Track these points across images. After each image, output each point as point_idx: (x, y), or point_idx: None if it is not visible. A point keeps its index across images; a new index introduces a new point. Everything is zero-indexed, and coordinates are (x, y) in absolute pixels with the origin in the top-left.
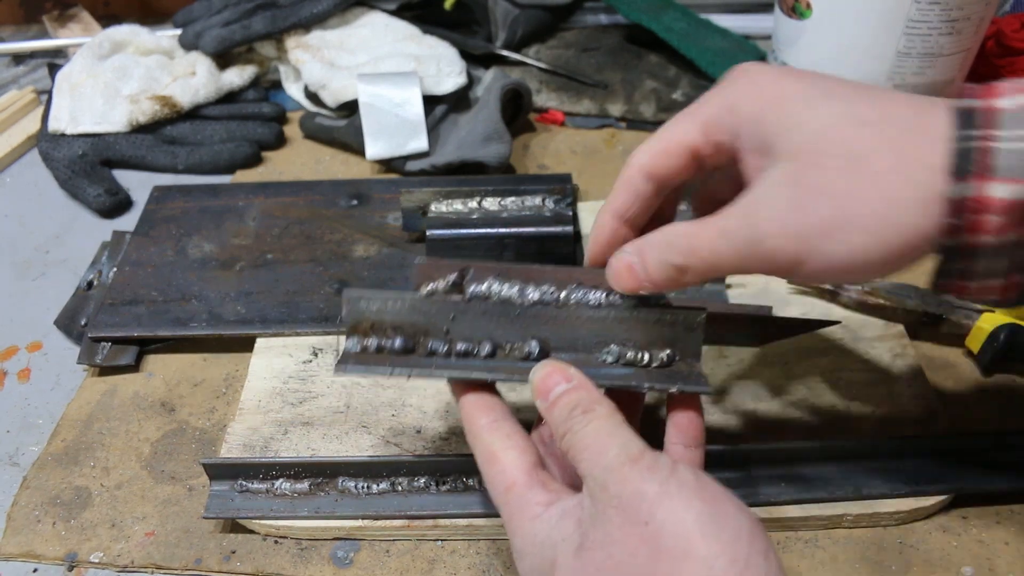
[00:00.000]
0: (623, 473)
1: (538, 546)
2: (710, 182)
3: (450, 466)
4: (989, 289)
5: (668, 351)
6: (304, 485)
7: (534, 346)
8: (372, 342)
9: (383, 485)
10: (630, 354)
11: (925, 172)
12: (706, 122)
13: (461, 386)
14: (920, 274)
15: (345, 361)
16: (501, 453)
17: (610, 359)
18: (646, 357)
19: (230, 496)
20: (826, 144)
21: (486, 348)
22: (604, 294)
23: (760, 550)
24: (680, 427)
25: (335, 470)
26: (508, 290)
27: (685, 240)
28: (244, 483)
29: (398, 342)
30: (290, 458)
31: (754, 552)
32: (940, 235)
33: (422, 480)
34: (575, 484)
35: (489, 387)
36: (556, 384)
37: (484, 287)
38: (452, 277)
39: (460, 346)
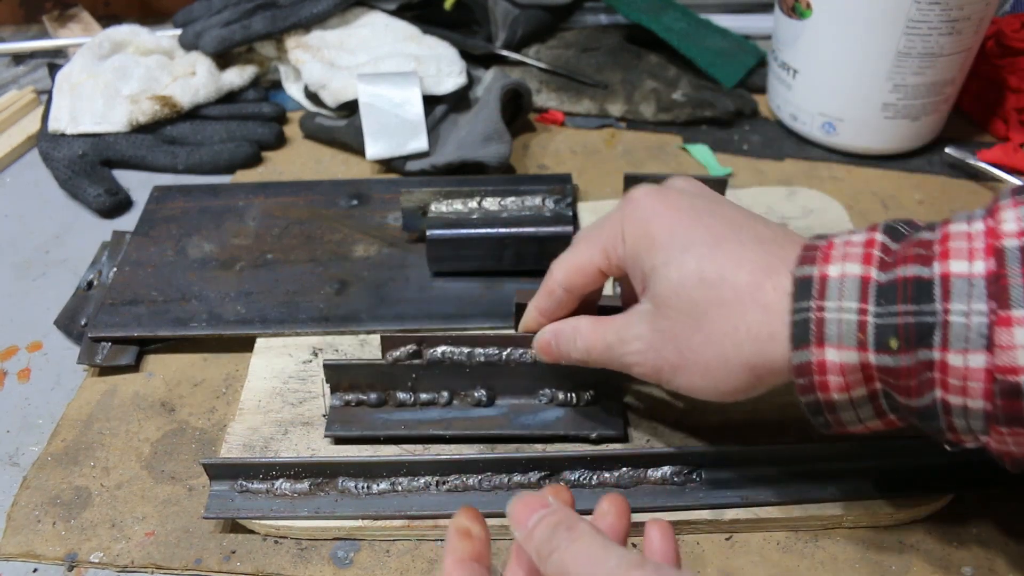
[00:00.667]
0: None
1: None
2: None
3: (450, 466)
4: (870, 429)
5: (592, 391)
6: (304, 485)
7: (483, 393)
8: (352, 397)
9: (383, 485)
10: (561, 395)
11: (748, 339)
12: (605, 248)
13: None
14: None
15: (332, 423)
16: None
17: (544, 400)
18: (574, 397)
19: (230, 496)
20: (676, 299)
21: (444, 397)
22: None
23: None
24: (652, 540)
25: (335, 470)
26: (458, 354)
27: (584, 340)
28: (244, 483)
29: (373, 396)
30: (290, 458)
31: None
32: (799, 393)
33: (422, 480)
34: None
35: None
36: (534, 511)
37: (439, 352)
38: (411, 347)
39: (423, 396)
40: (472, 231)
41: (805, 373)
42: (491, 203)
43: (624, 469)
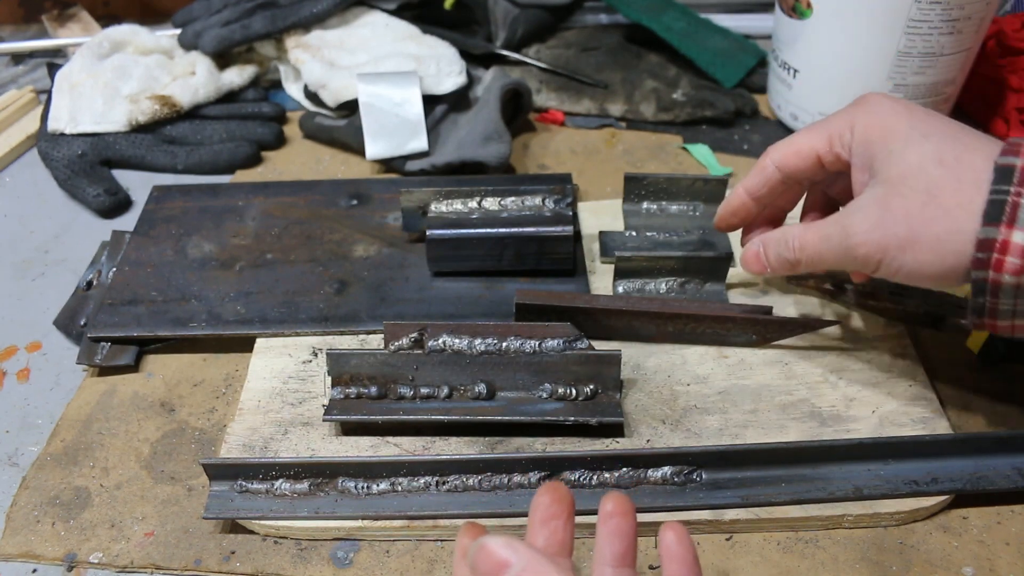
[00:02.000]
0: None
1: None
2: (822, 184)
3: (450, 466)
4: (1015, 329)
5: (592, 386)
6: (304, 485)
7: (482, 387)
8: (352, 390)
9: (383, 485)
10: (561, 390)
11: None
12: (831, 135)
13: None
14: None
15: (331, 409)
16: None
17: (544, 395)
18: (573, 392)
19: (229, 496)
20: (912, 178)
21: (444, 391)
22: (537, 343)
23: None
24: (669, 553)
25: (335, 470)
26: (459, 343)
27: (797, 241)
28: (244, 483)
29: (373, 390)
30: (290, 458)
31: None
32: (972, 268)
33: (422, 480)
34: None
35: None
36: (499, 570)
37: (439, 342)
38: (413, 335)
39: (423, 390)
40: (472, 231)
41: (986, 248)
42: (491, 203)
43: (624, 469)
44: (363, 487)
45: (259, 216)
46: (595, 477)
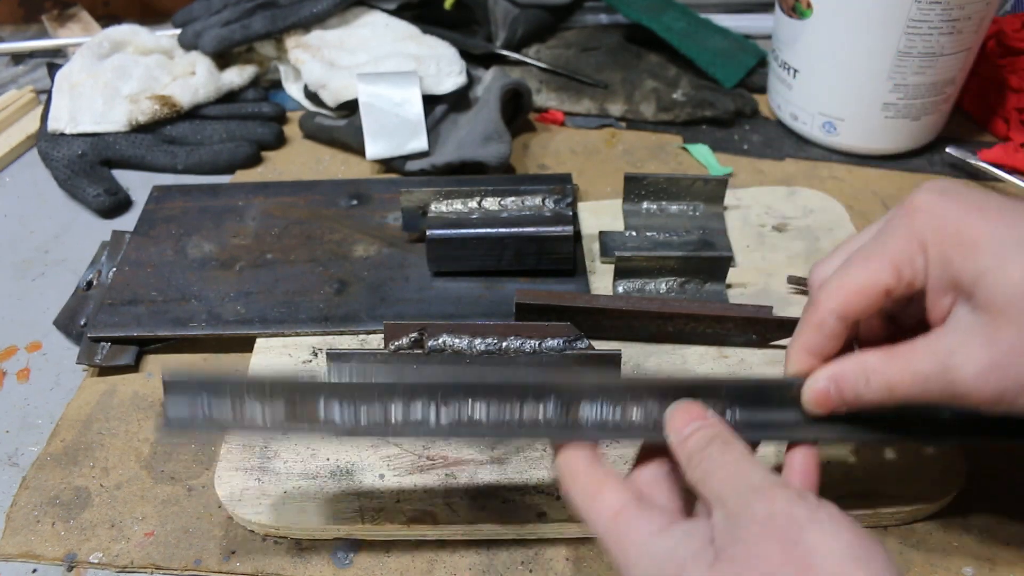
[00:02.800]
0: (772, 493)
1: (657, 560)
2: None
3: (453, 390)
4: None
5: None
6: (279, 409)
7: None
8: None
9: (375, 409)
10: None
11: None
12: (896, 263)
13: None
14: None
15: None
16: (602, 487)
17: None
18: None
19: (190, 418)
20: (1022, 301)
21: None
22: (537, 343)
23: None
24: (793, 467)
25: (315, 392)
26: (459, 343)
27: (881, 379)
28: (208, 399)
29: None
30: (265, 376)
31: None
32: None
33: (419, 408)
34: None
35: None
36: (693, 419)
37: (439, 341)
38: (413, 335)
39: None
40: (472, 231)
41: None
42: (491, 203)
43: (650, 403)
44: (350, 414)
45: (259, 216)
46: (617, 411)
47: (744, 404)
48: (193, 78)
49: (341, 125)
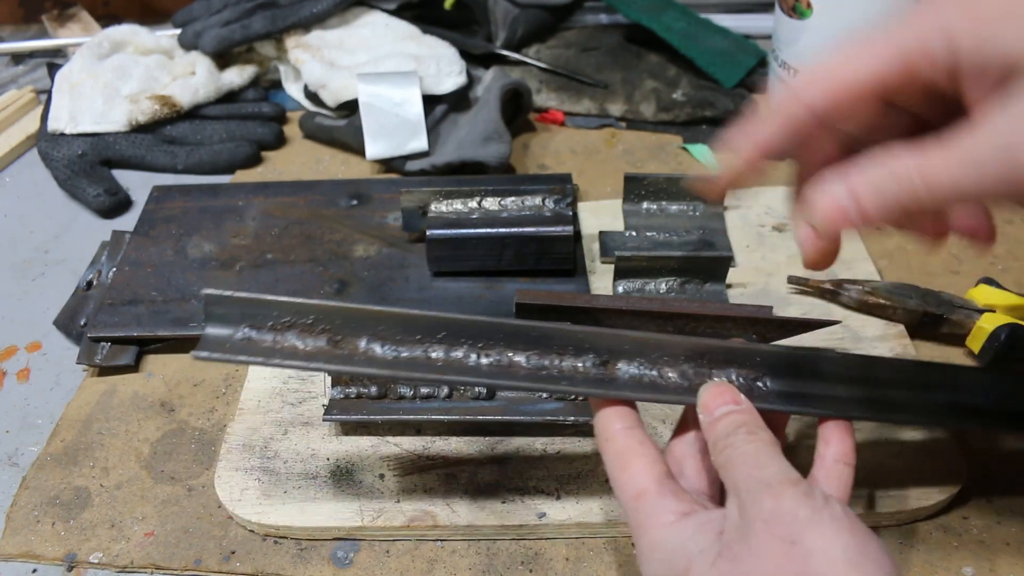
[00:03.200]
0: (780, 490)
1: (668, 552)
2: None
3: (495, 336)
4: None
5: None
6: (321, 341)
7: (482, 387)
8: (352, 390)
9: (416, 351)
10: None
11: None
12: (906, 51)
13: (600, 400)
14: (922, 274)
15: (331, 409)
16: (633, 460)
17: (544, 395)
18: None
19: (228, 340)
20: None
21: (444, 390)
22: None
23: None
24: (829, 441)
25: (359, 326)
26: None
27: (917, 172)
28: (249, 330)
29: (373, 389)
30: (310, 301)
31: None
32: None
33: (461, 350)
34: (709, 500)
35: (626, 401)
36: (725, 403)
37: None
38: None
39: (423, 390)
40: (472, 231)
41: None
42: (491, 203)
43: (686, 366)
44: (391, 351)
45: (259, 216)
46: (654, 372)
47: (778, 374)
48: (193, 78)
49: (341, 125)
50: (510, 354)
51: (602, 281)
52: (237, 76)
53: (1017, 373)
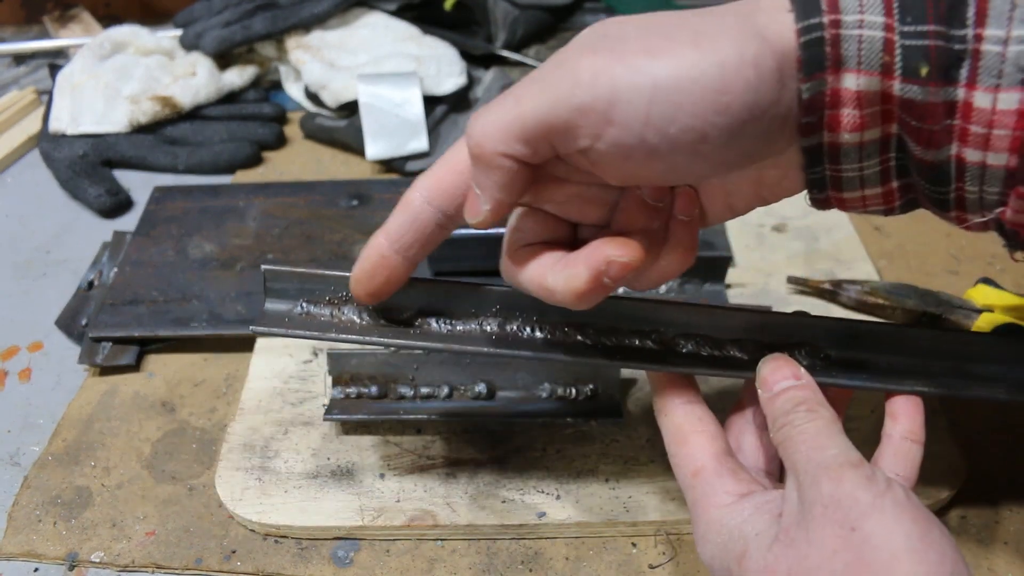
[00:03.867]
0: (840, 473)
1: (725, 535)
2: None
3: (549, 305)
4: (866, 203)
5: (591, 385)
6: (378, 318)
7: (482, 387)
8: (353, 390)
9: (471, 325)
10: (560, 390)
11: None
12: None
13: (660, 375)
14: (920, 274)
15: (332, 409)
16: (692, 435)
17: (544, 395)
18: (573, 391)
19: (287, 315)
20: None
21: (444, 390)
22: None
23: None
24: (897, 417)
25: (419, 304)
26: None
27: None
28: (307, 305)
29: (374, 389)
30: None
31: None
32: (800, 135)
33: (515, 323)
34: (767, 478)
35: (686, 376)
36: (784, 378)
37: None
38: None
39: (424, 390)
40: (472, 231)
41: (816, 108)
42: None
43: (746, 340)
44: (447, 325)
45: (260, 216)
46: (714, 346)
47: (841, 347)
48: (194, 79)
49: (341, 125)
50: (567, 329)
51: None
52: (238, 77)
53: None
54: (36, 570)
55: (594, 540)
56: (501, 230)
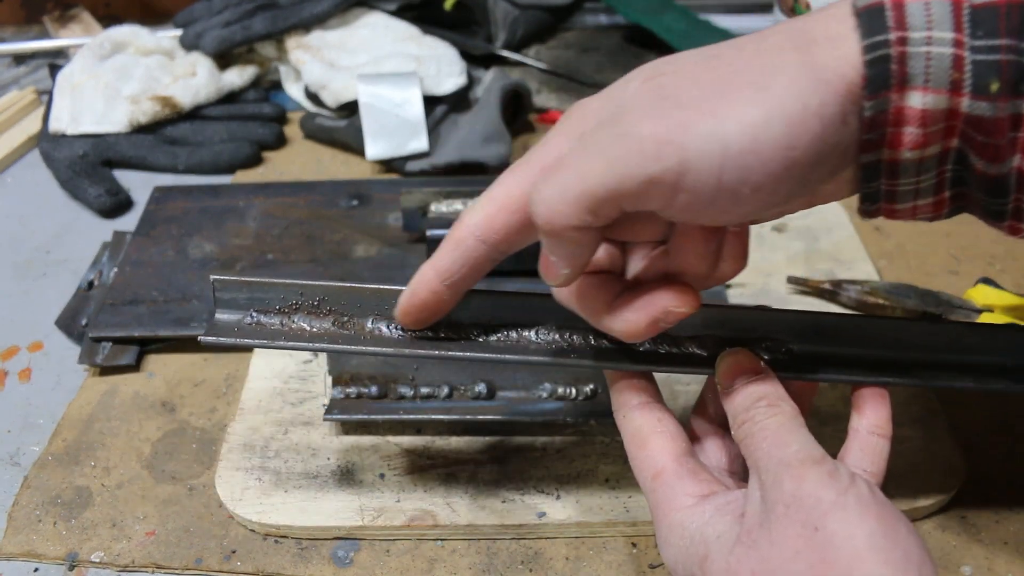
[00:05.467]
0: (802, 471)
1: (687, 538)
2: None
3: (501, 306)
4: (917, 212)
5: (592, 385)
6: (327, 323)
7: (482, 387)
8: (353, 390)
9: (424, 330)
10: (560, 390)
11: (827, 74)
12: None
13: (616, 373)
14: (920, 274)
15: (332, 408)
16: (651, 437)
17: (544, 394)
18: (573, 391)
19: (236, 325)
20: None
21: (444, 390)
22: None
23: None
24: (863, 410)
25: (365, 306)
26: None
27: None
28: (256, 315)
29: (374, 389)
30: (319, 282)
31: None
32: (860, 152)
33: (468, 328)
34: (729, 477)
35: (644, 373)
36: (744, 373)
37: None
38: None
39: (423, 390)
40: None
41: (878, 126)
42: None
43: (705, 336)
44: (398, 330)
45: (260, 216)
46: (672, 343)
47: (804, 341)
48: (194, 79)
49: (341, 125)
50: (520, 330)
51: None
52: (238, 77)
53: None
54: (36, 570)
55: (594, 540)
56: None
